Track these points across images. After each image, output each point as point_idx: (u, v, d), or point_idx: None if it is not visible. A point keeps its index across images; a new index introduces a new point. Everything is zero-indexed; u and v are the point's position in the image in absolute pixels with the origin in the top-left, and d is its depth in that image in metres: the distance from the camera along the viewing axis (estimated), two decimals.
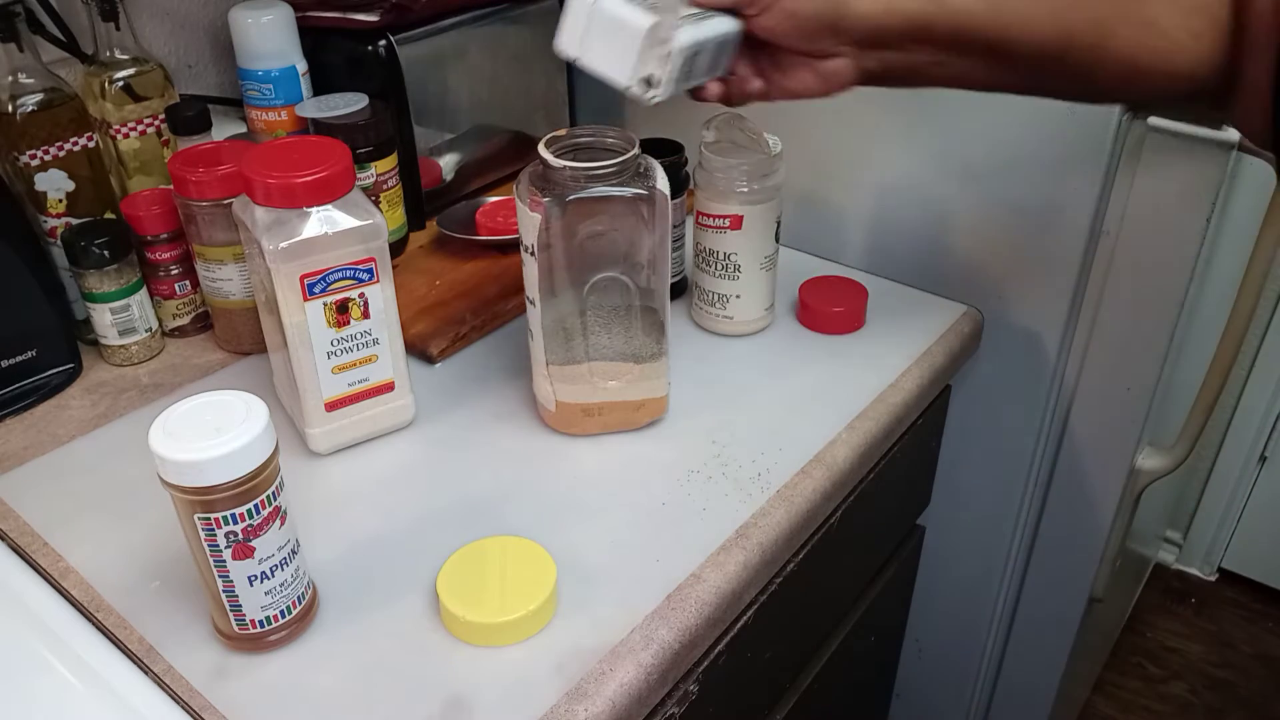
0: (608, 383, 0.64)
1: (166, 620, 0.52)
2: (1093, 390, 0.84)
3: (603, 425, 0.65)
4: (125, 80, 0.74)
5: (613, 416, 0.65)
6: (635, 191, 0.57)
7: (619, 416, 0.65)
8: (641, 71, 0.52)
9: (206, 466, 0.43)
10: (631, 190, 0.57)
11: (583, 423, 0.65)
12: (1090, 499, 0.90)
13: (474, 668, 0.50)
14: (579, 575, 0.55)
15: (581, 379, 0.63)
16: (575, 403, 0.64)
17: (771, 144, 0.72)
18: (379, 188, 0.78)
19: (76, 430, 0.67)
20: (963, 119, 0.80)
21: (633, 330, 0.63)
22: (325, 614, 0.53)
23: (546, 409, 0.65)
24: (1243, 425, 1.44)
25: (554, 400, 0.64)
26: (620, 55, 0.52)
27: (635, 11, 0.51)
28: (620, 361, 0.63)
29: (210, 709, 0.48)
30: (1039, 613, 0.99)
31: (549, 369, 0.63)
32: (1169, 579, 1.62)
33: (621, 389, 0.64)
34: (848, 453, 0.65)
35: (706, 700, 0.58)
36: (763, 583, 0.60)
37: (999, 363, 0.86)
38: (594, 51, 0.53)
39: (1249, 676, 1.46)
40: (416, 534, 0.58)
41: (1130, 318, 0.79)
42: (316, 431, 0.63)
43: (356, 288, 0.59)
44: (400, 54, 0.81)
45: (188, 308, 0.75)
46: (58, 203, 0.70)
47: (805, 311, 0.77)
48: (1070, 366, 0.84)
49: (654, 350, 0.64)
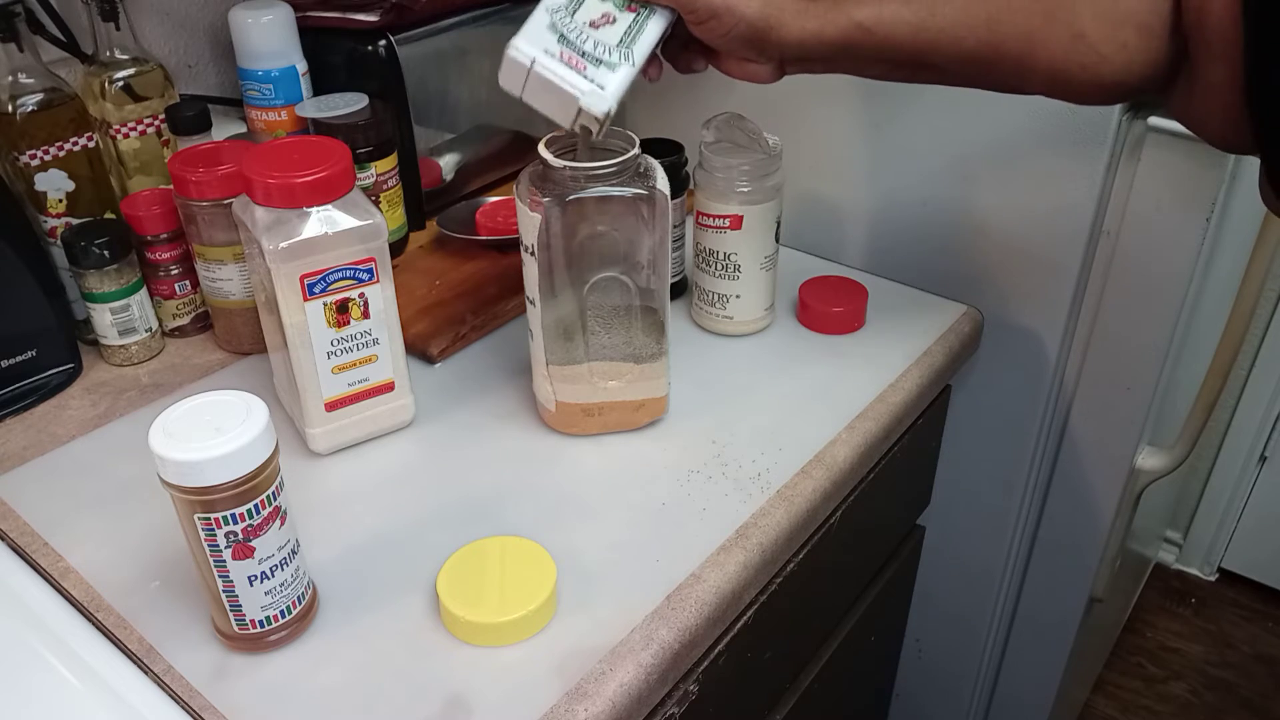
0: (608, 383, 0.64)
1: (166, 620, 0.52)
2: (1093, 390, 0.84)
3: (602, 425, 0.65)
4: (125, 80, 0.74)
5: (612, 416, 0.65)
6: (635, 191, 0.57)
7: (619, 416, 0.65)
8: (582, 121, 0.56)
9: (206, 466, 0.43)
10: (632, 190, 0.57)
11: (583, 423, 0.65)
12: (1090, 499, 0.90)
13: (474, 668, 0.50)
14: (579, 575, 0.55)
15: (581, 379, 0.63)
16: (575, 403, 0.64)
17: (771, 144, 0.72)
18: (379, 188, 0.78)
19: (76, 430, 0.67)
20: (963, 119, 0.80)
21: (633, 330, 0.63)
22: (325, 614, 0.53)
23: (546, 409, 0.65)
24: (1243, 425, 1.44)
25: (554, 400, 0.64)
26: (560, 108, 0.56)
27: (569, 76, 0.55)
28: (620, 362, 0.63)
29: (210, 709, 0.48)
30: (1039, 613, 1.00)
31: (549, 369, 0.63)
32: (1169, 579, 1.62)
33: (621, 389, 0.64)
34: (848, 453, 0.65)
35: (706, 700, 0.58)
36: (763, 583, 0.60)
37: (999, 363, 0.86)
38: (535, 98, 0.56)
39: (1249, 676, 1.46)
40: (416, 534, 0.58)
41: (1130, 318, 0.79)
42: (316, 431, 0.63)
43: (356, 288, 0.59)
44: (400, 54, 0.81)
45: (188, 308, 0.75)
46: (58, 203, 0.70)
47: (805, 311, 0.77)
48: (1070, 366, 0.84)
49: (654, 350, 0.64)
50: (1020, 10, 0.54)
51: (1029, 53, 0.54)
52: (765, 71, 0.59)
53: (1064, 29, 0.53)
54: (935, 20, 0.55)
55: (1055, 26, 0.53)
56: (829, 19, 0.55)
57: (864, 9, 0.55)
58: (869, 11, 0.55)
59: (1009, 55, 0.54)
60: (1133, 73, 0.52)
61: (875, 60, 0.58)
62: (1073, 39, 0.52)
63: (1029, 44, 0.54)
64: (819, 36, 0.56)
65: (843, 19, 0.55)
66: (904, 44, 0.56)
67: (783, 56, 0.58)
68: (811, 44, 0.56)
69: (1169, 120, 0.73)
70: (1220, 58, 0.48)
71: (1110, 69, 0.52)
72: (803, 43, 0.56)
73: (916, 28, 0.55)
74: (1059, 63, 0.53)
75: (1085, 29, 0.52)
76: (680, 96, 0.96)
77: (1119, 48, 0.52)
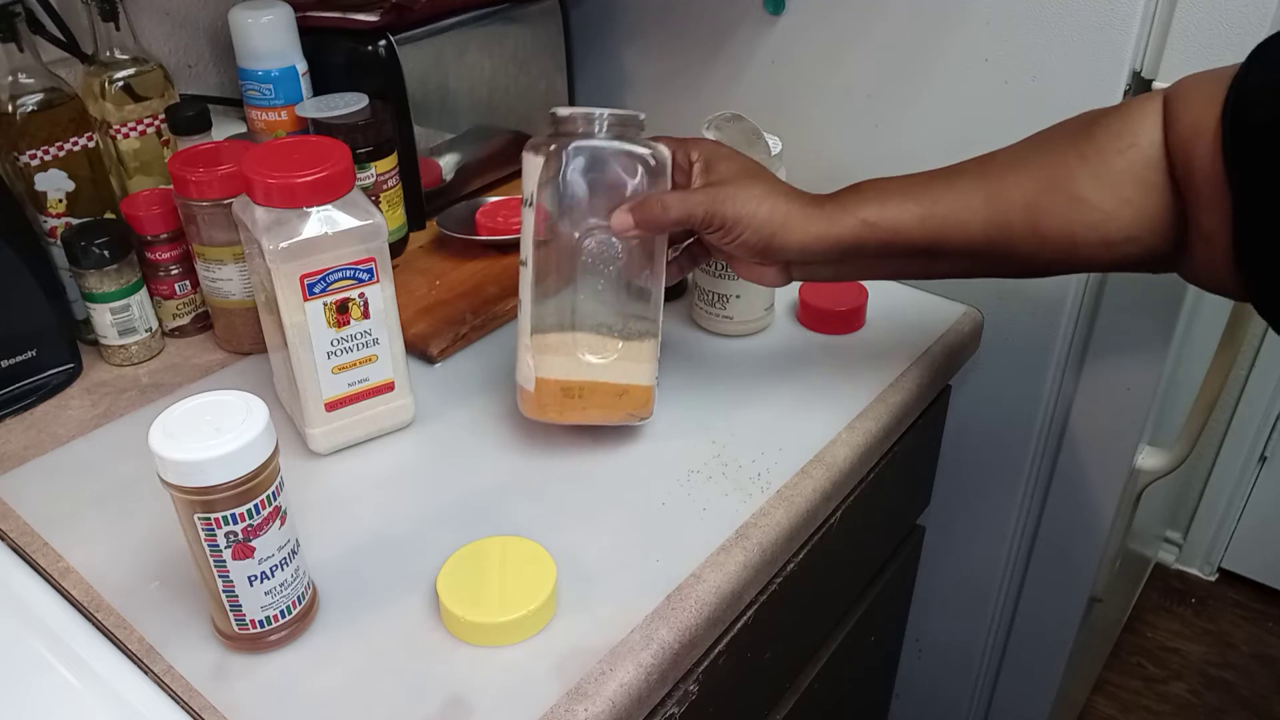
0: (591, 357, 0.61)
1: (166, 620, 0.52)
2: (1093, 390, 0.84)
3: (582, 411, 0.62)
4: (125, 80, 0.74)
5: (593, 400, 0.62)
6: (640, 150, 0.58)
7: (600, 400, 0.62)
8: None
9: (206, 466, 0.43)
10: (638, 148, 0.58)
11: (561, 405, 0.62)
12: (1090, 499, 0.90)
13: (474, 668, 0.50)
14: (579, 575, 0.55)
15: (565, 349, 0.61)
16: (555, 379, 0.61)
17: (771, 144, 0.72)
18: (379, 188, 0.78)
19: (76, 430, 0.67)
20: (963, 119, 0.80)
21: (621, 298, 0.61)
22: (325, 614, 0.53)
23: (525, 391, 0.62)
24: (1243, 425, 1.44)
25: (533, 379, 0.61)
26: None
27: None
28: (607, 336, 0.62)
29: (210, 709, 0.48)
30: (1039, 613, 1.00)
31: (532, 339, 0.61)
32: (1169, 579, 1.62)
33: (605, 367, 0.62)
34: (848, 453, 0.65)
35: (706, 700, 0.58)
36: (763, 583, 0.60)
37: (999, 363, 0.86)
38: None
39: (1249, 676, 1.46)
40: (416, 534, 0.58)
41: (1130, 318, 0.79)
42: (316, 431, 0.63)
43: (356, 288, 0.59)
44: (400, 54, 0.81)
45: (188, 308, 0.75)
46: (58, 203, 0.70)
47: (805, 311, 0.77)
48: (1070, 366, 0.84)
49: (642, 328, 0.62)
50: (1018, 185, 0.55)
51: (1034, 222, 0.54)
52: (771, 274, 0.61)
53: (1063, 194, 0.54)
54: (939, 208, 0.56)
55: (1054, 193, 0.54)
56: (835, 219, 0.57)
57: (868, 207, 0.57)
58: (873, 209, 0.57)
59: (1015, 229, 0.55)
60: (1140, 228, 0.53)
61: (885, 256, 0.59)
62: (1074, 203, 0.53)
63: (1032, 213, 0.54)
64: (823, 239, 0.57)
65: (849, 219, 0.57)
66: (911, 235, 0.57)
67: (788, 260, 0.60)
68: (816, 247, 0.58)
69: None
70: (1210, 206, 0.49)
71: (1117, 226, 0.53)
72: (806, 246, 0.57)
73: (922, 217, 0.57)
74: (1064, 228, 0.54)
75: (1084, 192, 0.53)
76: (680, 96, 0.96)
77: (1121, 203, 0.52)
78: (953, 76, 0.79)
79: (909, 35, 0.80)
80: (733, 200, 0.57)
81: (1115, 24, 0.70)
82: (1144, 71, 0.72)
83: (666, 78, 0.97)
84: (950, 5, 0.77)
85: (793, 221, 0.57)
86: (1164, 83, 0.71)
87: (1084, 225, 0.53)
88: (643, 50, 0.97)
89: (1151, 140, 0.52)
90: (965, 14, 0.76)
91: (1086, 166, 0.53)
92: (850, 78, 0.84)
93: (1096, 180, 0.53)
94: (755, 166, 0.61)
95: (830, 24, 0.83)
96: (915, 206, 0.57)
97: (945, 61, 0.79)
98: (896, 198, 0.57)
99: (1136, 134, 0.52)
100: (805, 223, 0.57)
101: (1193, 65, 0.70)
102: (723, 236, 0.58)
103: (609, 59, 1.00)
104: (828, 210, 0.57)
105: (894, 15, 0.80)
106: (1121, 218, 0.53)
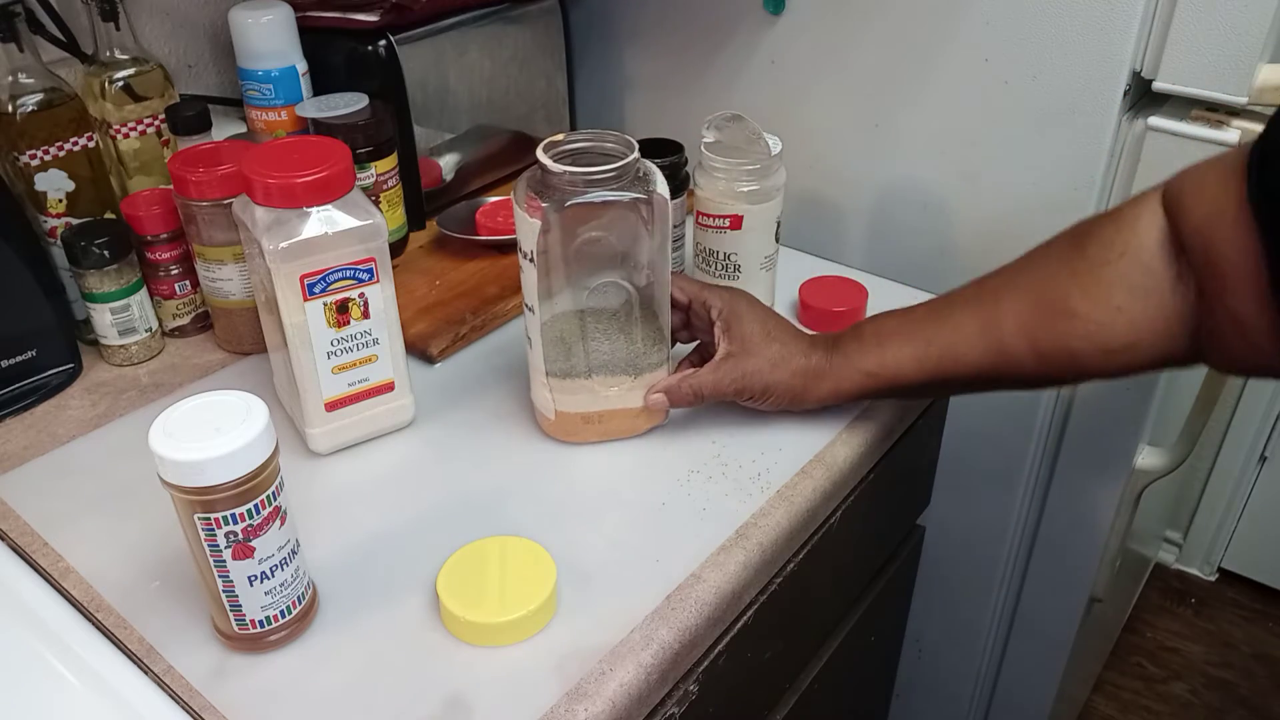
0: (609, 390, 0.63)
1: (166, 620, 0.52)
2: (1093, 390, 0.84)
3: (603, 433, 0.65)
4: (125, 80, 0.73)
5: (614, 423, 0.64)
6: (634, 196, 0.57)
7: (619, 422, 0.65)
8: None
9: (206, 466, 0.43)
10: (631, 195, 0.57)
11: (583, 431, 0.64)
12: (1090, 499, 0.90)
13: (474, 668, 0.50)
14: (579, 575, 0.55)
15: (582, 390, 0.63)
16: (575, 412, 0.64)
17: (771, 144, 0.72)
18: (379, 188, 0.78)
19: (76, 430, 0.67)
20: (963, 119, 0.80)
21: (633, 338, 0.62)
22: (325, 614, 0.53)
23: (545, 417, 0.65)
24: (1243, 425, 1.44)
25: (554, 410, 0.63)
26: None
27: None
28: (622, 375, 0.63)
29: (210, 709, 0.48)
30: (1039, 613, 1.00)
31: (549, 379, 0.62)
32: (1169, 579, 1.62)
33: (623, 396, 0.63)
34: (848, 453, 0.65)
35: (706, 700, 0.58)
36: (763, 583, 0.60)
37: None
38: None
39: (1249, 676, 1.46)
40: (416, 534, 0.58)
41: None
42: (316, 431, 0.63)
43: (356, 288, 0.59)
44: (400, 54, 0.81)
45: (188, 308, 0.75)
46: (58, 203, 0.70)
47: (805, 311, 0.77)
48: None
49: (656, 359, 0.63)
50: (1012, 309, 0.56)
51: (1031, 343, 0.56)
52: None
53: (1054, 311, 0.55)
54: (933, 347, 0.59)
55: (1046, 311, 0.55)
56: (843, 376, 0.62)
57: (868, 359, 0.61)
58: (872, 360, 0.61)
59: (1014, 352, 0.56)
60: (1138, 333, 0.53)
61: (894, 395, 0.64)
62: (1065, 318, 0.54)
63: (1028, 334, 0.56)
64: (837, 395, 0.63)
65: (853, 373, 0.62)
66: (912, 378, 0.60)
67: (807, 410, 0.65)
68: (833, 400, 0.63)
69: (1169, 120, 0.73)
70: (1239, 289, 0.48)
71: (1112, 334, 0.53)
72: (824, 400, 0.63)
73: (919, 359, 0.59)
74: (1060, 343, 0.55)
75: (1075, 305, 0.54)
76: (680, 96, 0.96)
77: (1113, 312, 0.53)
78: (953, 76, 0.79)
79: (909, 35, 0.80)
80: (759, 375, 0.62)
81: (1115, 24, 0.70)
82: (1144, 71, 0.72)
83: (666, 78, 0.97)
84: (950, 5, 0.77)
85: (810, 383, 0.62)
86: (1163, 83, 0.71)
87: (1078, 338, 0.54)
88: (643, 50, 0.97)
89: (1145, 244, 0.52)
90: (965, 14, 0.76)
91: (1077, 281, 0.54)
92: (850, 78, 0.84)
93: (1085, 292, 0.53)
94: (770, 323, 0.64)
95: (830, 24, 0.83)
96: (912, 349, 0.60)
97: (945, 61, 0.79)
98: (895, 341, 0.60)
99: (1128, 241, 0.52)
100: (819, 382, 0.62)
101: (1192, 65, 0.70)
102: (754, 401, 0.63)
103: (609, 59, 1.00)
104: (834, 364, 0.62)
105: (894, 15, 0.80)
106: (1116, 326, 0.53)
